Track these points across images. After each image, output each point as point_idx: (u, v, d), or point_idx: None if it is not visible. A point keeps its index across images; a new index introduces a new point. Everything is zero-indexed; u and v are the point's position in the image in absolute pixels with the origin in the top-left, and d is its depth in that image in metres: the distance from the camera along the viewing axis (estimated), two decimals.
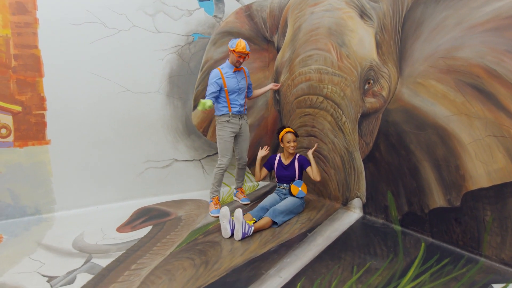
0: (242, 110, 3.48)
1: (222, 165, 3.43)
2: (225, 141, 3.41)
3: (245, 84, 3.49)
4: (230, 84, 3.34)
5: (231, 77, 3.35)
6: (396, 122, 2.94)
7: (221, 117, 3.40)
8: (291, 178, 3.42)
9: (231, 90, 3.35)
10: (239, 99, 3.42)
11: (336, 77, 3.47)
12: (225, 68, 3.36)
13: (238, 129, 3.47)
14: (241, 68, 3.44)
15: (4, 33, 3.01)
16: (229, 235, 2.80)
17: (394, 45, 2.92)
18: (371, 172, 3.24)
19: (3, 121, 3.08)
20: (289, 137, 3.38)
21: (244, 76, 3.48)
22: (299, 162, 3.44)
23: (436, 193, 2.70)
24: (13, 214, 3.21)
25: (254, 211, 3.14)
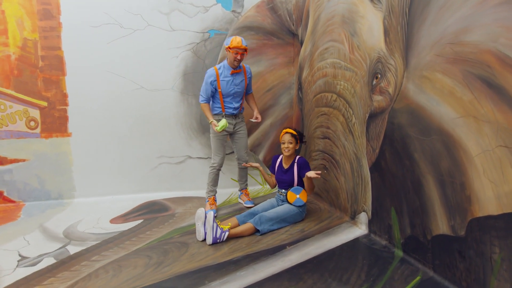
0: (237, 110, 3.30)
1: (215, 165, 3.32)
2: (217, 139, 3.29)
3: (243, 87, 3.28)
4: (225, 88, 3.17)
5: (227, 80, 3.18)
6: (401, 125, 2.42)
7: (214, 115, 3.27)
8: (290, 183, 3.11)
9: (225, 94, 3.19)
10: (234, 102, 3.26)
11: (348, 71, 3.03)
12: (222, 69, 3.19)
13: (232, 129, 3.32)
14: (240, 70, 3.22)
15: (33, 37, 3.41)
16: (202, 238, 2.68)
17: (401, 31, 2.39)
18: (377, 183, 2.74)
19: (32, 114, 3.51)
20: (285, 138, 3.08)
21: (243, 78, 3.27)
22: (298, 166, 3.10)
23: (439, 216, 2.13)
24: (39, 197, 3.64)
25: (241, 215, 2.95)
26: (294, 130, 3.13)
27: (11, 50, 3.38)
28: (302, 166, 3.08)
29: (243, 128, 3.41)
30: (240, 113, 3.36)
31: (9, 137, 3.49)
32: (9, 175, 3.55)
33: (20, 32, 3.38)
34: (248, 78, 3.33)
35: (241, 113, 3.39)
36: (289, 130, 3.11)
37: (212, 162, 3.34)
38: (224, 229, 2.68)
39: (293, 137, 3.09)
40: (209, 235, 2.62)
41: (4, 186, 3.56)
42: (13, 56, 3.39)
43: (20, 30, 3.37)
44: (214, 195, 3.39)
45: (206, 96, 3.19)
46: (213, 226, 2.61)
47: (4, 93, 3.42)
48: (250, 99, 3.51)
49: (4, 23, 3.33)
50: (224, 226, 2.71)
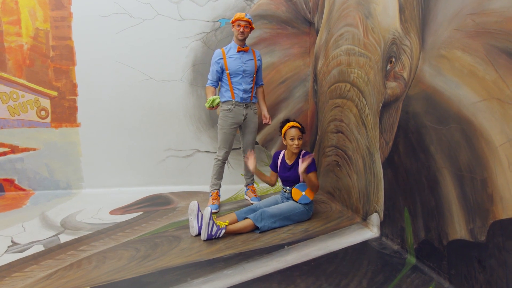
0: (248, 98, 3.08)
1: (219, 158, 3.15)
2: (224, 132, 3.10)
3: (253, 67, 3.07)
4: (232, 65, 2.99)
5: (234, 58, 3.02)
6: (416, 113, 2.12)
7: (224, 104, 3.10)
8: (294, 181, 2.88)
9: (233, 73, 3.00)
10: (244, 83, 3.03)
11: (362, 57, 2.76)
12: (229, 48, 3.05)
13: (241, 120, 3.11)
14: (247, 48, 3.05)
15: (45, 27, 3.44)
16: (195, 233, 2.52)
17: (417, 7, 2.10)
18: (389, 180, 2.45)
19: (43, 104, 3.54)
20: (293, 133, 2.79)
21: (252, 58, 3.08)
22: (303, 162, 2.86)
23: (457, 218, 1.82)
24: (48, 186, 3.67)
25: (241, 211, 2.76)
26: (298, 123, 2.87)
27: (24, 40, 3.43)
28: (308, 163, 2.82)
29: (254, 121, 3.20)
30: (252, 102, 3.14)
31: (20, 126, 3.54)
32: (21, 163, 3.60)
33: (33, 22, 3.42)
34: (258, 61, 3.14)
35: (254, 104, 3.18)
36: (295, 123, 2.84)
37: (216, 155, 3.18)
38: (221, 226, 2.50)
39: (301, 131, 2.83)
40: (204, 232, 2.45)
41: (15, 174, 3.62)
42: (26, 46, 3.44)
43: (32, 20, 3.42)
44: (218, 189, 3.22)
45: (212, 78, 3.05)
46: (209, 223, 2.44)
47: (16, 83, 3.47)
48: (260, 94, 3.28)
49: (17, 13, 3.38)
50: (221, 223, 2.53)
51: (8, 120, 3.52)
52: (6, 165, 3.58)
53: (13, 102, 3.49)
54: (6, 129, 3.53)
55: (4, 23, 3.39)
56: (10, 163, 3.59)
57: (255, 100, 3.20)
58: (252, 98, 3.15)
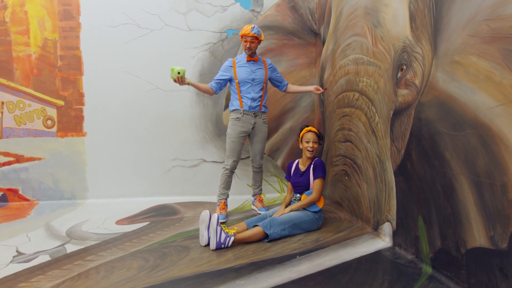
0: (257, 107, 3.09)
1: (227, 167, 3.13)
2: (232, 141, 3.09)
3: (263, 76, 3.10)
4: (241, 73, 3.03)
5: (243, 67, 3.05)
6: (429, 120, 2.11)
7: (232, 113, 3.12)
8: (305, 186, 2.85)
9: (241, 81, 3.03)
10: (252, 92, 3.05)
11: (371, 66, 2.76)
12: (239, 58, 3.11)
13: (250, 129, 3.11)
14: (257, 58, 3.10)
15: (53, 37, 3.46)
16: (205, 242, 2.47)
17: (428, 14, 2.12)
18: (402, 189, 2.41)
19: (49, 113, 3.53)
20: (309, 136, 2.84)
21: (261, 67, 3.12)
22: (313, 167, 2.84)
23: (475, 226, 1.78)
24: (53, 196, 3.63)
25: (251, 220, 2.72)
26: (316, 129, 2.91)
27: (32, 49, 3.45)
28: (316, 167, 2.83)
29: (263, 130, 3.19)
30: (261, 111, 3.14)
31: (26, 135, 3.52)
32: (25, 173, 3.56)
33: (41, 32, 3.44)
34: (270, 69, 3.16)
35: (263, 113, 3.18)
36: (312, 128, 2.90)
37: (225, 163, 3.16)
38: (230, 234, 2.46)
39: (318, 136, 2.88)
40: (213, 240, 2.40)
41: (20, 184, 3.58)
42: (34, 55, 3.45)
43: (41, 30, 3.44)
44: (225, 199, 3.18)
45: (215, 82, 3.04)
46: (217, 230, 2.40)
47: (23, 92, 3.47)
48: (291, 88, 3.33)
49: (26, 23, 3.41)
50: (230, 231, 2.49)
51: (14, 130, 3.50)
52: (10, 175, 3.54)
53: (20, 112, 3.48)
54: (12, 138, 3.51)
55: (12, 33, 3.41)
56: (14, 173, 3.55)
57: (264, 109, 3.19)
58: (262, 107, 3.15)
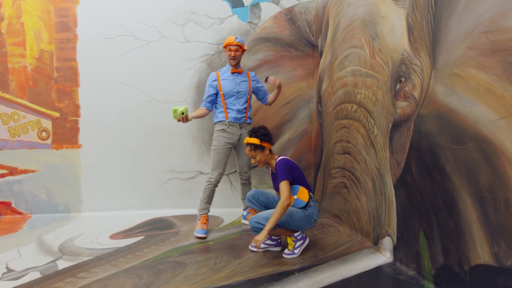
0: (242, 118, 3.07)
1: (211, 180, 3.03)
2: (218, 152, 3.03)
3: (247, 88, 3.08)
4: (226, 86, 3.01)
5: (227, 80, 3.03)
6: (429, 133, 2.08)
7: (217, 125, 3.08)
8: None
9: (227, 93, 3.01)
10: (237, 104, 3.03)
11: (369, 78, 2.75)
12: (223, 71, 3.09)
13: (236, 140, 3.06)
14: (241, 70, 3.09)
15: (50, 48, 3.44)
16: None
17: (427, 26, 2.10)
18: (402, 202, 2.37)
19: (44, 125, 3.48)
20: (247, 151, 2.58)
21: (245, 80, 3.10)
22: (276, 171, 2.52)
23: (479, 242, 1.73)
24: (46, 209, 3.55)
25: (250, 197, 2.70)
26: (254, 136, 2.53)
27: (28, 61, 3.42)
28: (277, 172, 2.49)
29: None
30: (246, 123, 3.12)
31: (20, 147, 3.47)
32: (19, 185, 3.50)
33: (37, 44, 3.42)
34: (253, 81, 3.14)
35: (249, 124, 3.15)
36: (248, 139, 2.56)
37: (209, 177, 3.04)
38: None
39: (252, 147, 2.53)
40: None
41: (13, 197, 3.51)
42: (29, 67, 3.42)
43: (37, 41, 3.42)
44: (207, 213, 3.08)
45: (206, 100, 3.05)
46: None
47: (18, 103, 3.43)
48: (269, 97, 3.23)
49: (22, 35, 3.39)
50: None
51: (7, 141, 3.45)
52: (3, 188, 3.47)
53: (14, 123, 3.43)
54: (6, 150, 3.45)
55: (8, 44, 3.39)
56: (7, 186, 3.48)
57: (249, 120, 3.16)
58: (247, 118, 3.12)
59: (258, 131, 2.56)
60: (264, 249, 2.63)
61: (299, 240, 2.56)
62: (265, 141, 2.54)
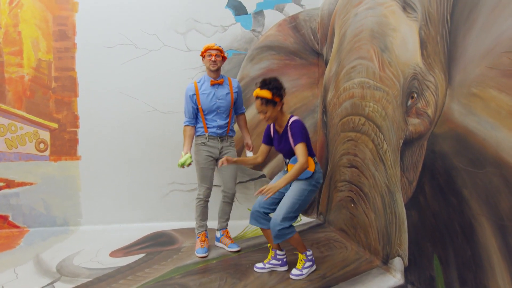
0: (224, 132, 2.86)
1: (200, 197, 2.88)
2: (201, 167, 2.85)
3: (229, 102, 2.83)
4: (205, 102, 2.77)
5: (207, 94, 2.78)
6: (444, 153, 1.98)
7: (197, 138, 2.89)
8: (287, 151, 2.42)
9: (206, 109, 2.78)
10: (219, 120, 2.81)
11: (378, 91, 2.65)
12: (202, 82, 2.82)
13: (217, 154, 2.85)
14: (222, 80, 2.80)
15: (48, 58, 3.35)
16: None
17: (441, 41, 2.01)
18: (414, 223, 2.27)
19: (42, 136, 3.39)
20: (257, 105, 2.31)
21: (228, 91, 2.83)
22: (290, 132, 2.33)
23: (499, 272, 1.64)
24: (44, 223, 3.46)
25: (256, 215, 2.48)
26: (266, 88, 2.28)
27: (25, 71, 3.32)
28: (293, 134, 2.31)
29: (232, 154, 2.90)
30: (228, 136, 2.90)
31: (17, 159, 3.37)
32: (16, 199, 3.40)
33: (35, 53, 3.33)
34: (235, 93, 2.88)
35: (230, 137, 2.94)
36: (260, 92, 2.28)
37: (198, 193, 2.90)
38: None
39: (264, 101, 2.27)
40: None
41: (10, 211, 3.41)
42: (27, 77, 3.33)
43: (35, 51, 3.32)
44: (205, 230, 2.94)
45: (189, 116, 2.83)
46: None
47: (15, 114, 3.33)
48: (241, 121, 3.04)
49: (19, 44, 3.29)
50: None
51: (4, 153, 3.35)
52: (0, 201, 3.38)
53: (11, 135, 3.34)
54: (2, 162, 3.36)
55: (5, 53, 3.29)
56: (4, 199, 3.39)
57: (232, 133, 2.94)
58: (229, 131, 2.91)
59: (270, 83, 2.29)
60: (269, 269, 2.54)
61: (309, 260, 2.48)
62: (278, 96, 2.30)
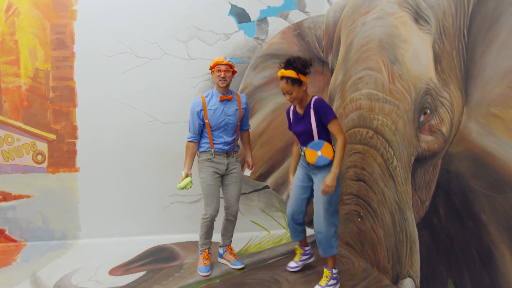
0: (230, 148, 2.73)
1: (207, 216, 2.71)
2: (208, 184, 2.68)
3: (237, 118, 2.71)
4: (214, 118, 2.64)
5: (215, 109, 2.64)
6: (460, 174, 1.89)
7: (202, 154, 2.73)
8: (308, 134, 2.36)
9: (214, 126, 2.65)
10: (226, 136, 2.69)
11: (387, 104, 2.56)
12: (210, 96, 2.68)
13: (223, 170, 2.72)
14: (231, 96, 2.69)
15: (45, 67, 3.25)
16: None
17: (457, 57, 1.92)
18: (427, 245, 2.18)
19: (40, 148, 3.29)
20: (282, 86, 2.29)
21: (236, 107, 2.71)
22: (315, 110, 2.30)
23: None
24: (42, 236, 3.36)
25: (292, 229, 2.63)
26: (291, 68, 2.25)
27: (22, 80, 3.23)
28: (320, 110, 2.29)
29: (237, 170, 2.79)
30: (234, 151, 2.78)
31: (14, 172, 3.28)
32: (13, 212, 3.31)
33: (32, 62, 3.23)
34: (243, 109, 2.77)
35: (236, 152, 2.81)
36: (284, 72, 2.25)
37: (204, 213, 2.73)
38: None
39: (291, 81, 2.24)
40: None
41: (6, 224, 3.31)
42: (24, 87, 3.23)
43: (32, 60, 3.23)
44: (208, 247, 2.84)
45: (193, 132, 2.70)
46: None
47: (12, 125, 3.24)
48: (245, 138, 2.91)
49: (16, 53, 3.20)
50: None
51: (1, 166, 3.26)
52: None
53: (8, 146, 3.24)
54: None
55: (1, 63, 3.19)
56: (1, 212, 3.29)
57: (237, 148, 2.83)
58: (235, 146, 2.79)
59: (294, 61, 2.26)
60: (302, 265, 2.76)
61: (334, 278, 2.44)
62: (303, 74, 2.28)
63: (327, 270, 2.43)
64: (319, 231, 2.34)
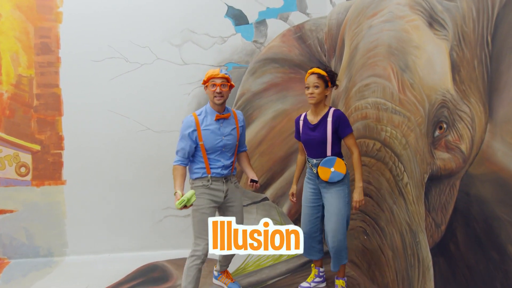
0: (228, 172, 2.34)
1: (198, 254, 2.19)
2: (202, 213, 2.23)
3: (235, 139, 2.35)
4: (208, 139, 2.24)
5: (211, 130, 2.26)
6: (482, 199, 1.69)
7: (197, 181, 2.29)
8: (322, 142, 2.32)
9: (210, 148, 2.26)
10: (223, 159, 2.30)
11: (397, 115, 2.35)
12: (203, 115, 2.29)
13: (222, 198, 2.31)
14: (228, 115, 2.32)
15: (29, 73, 3.04)
16: None
17: (479, 67, 1.71)
18: (443, 273, 1.98)
19: (23, 159, 3.09)
20: (309, 80, 2.32)
21: (233, 126, 2.35)
22: (334, 121, 2.31)
23: None
24: (27, 253, 3.16)
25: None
26: (323, 69, 2.37)
27: (4, 88, 3.02)
28: (341, 123, 2.32)
29: (238, 196, 2.42)
30: (232, 174, 2.40)
31: None
32: None
33: (15, 68, 3.02)
34: (241, 127, 2.41)
35: (234, 176, 2.44)
36: (316, 69, 2.36)
37: (194, 249, 2.22)
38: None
39: (321, 78, 2.30)
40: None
41: None
42: (6, 94, 3.02)
43: (14, 66, 3.02)
44: None
45: (182, 156, 2.26)
46: None
47: None
48: (244, 159, 2.50)
49: None
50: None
51: None
52: None
53: None
54: None
55: None
56: None
57: (235, 171, 2.45)
58: (233, 169, 2.42)
59: (326, 68, 2.49)
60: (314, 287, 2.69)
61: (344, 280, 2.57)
62: (330, 79, 2.38)
63: (341, 281, 2.55)
64: (336, 244, 2.36)
